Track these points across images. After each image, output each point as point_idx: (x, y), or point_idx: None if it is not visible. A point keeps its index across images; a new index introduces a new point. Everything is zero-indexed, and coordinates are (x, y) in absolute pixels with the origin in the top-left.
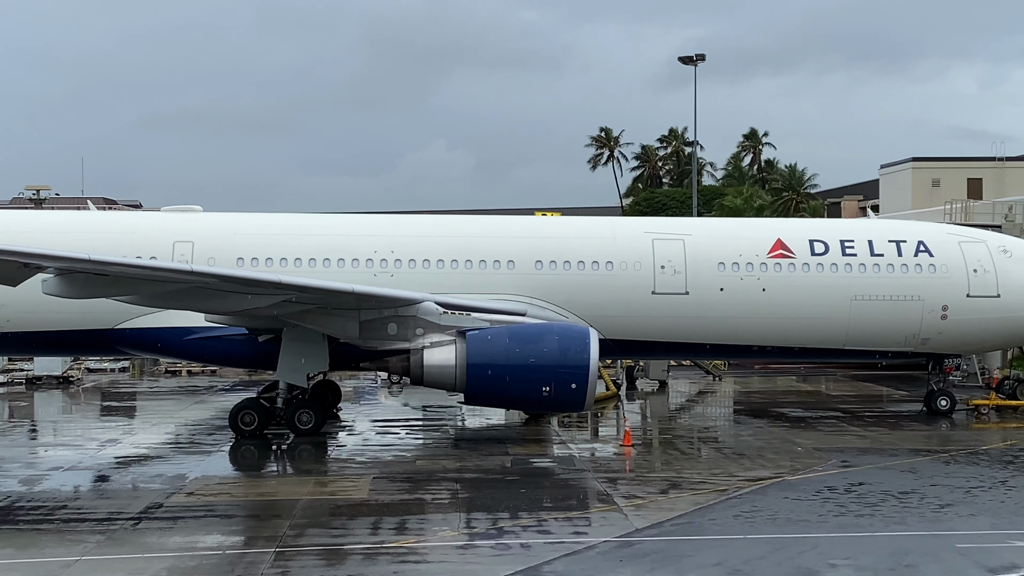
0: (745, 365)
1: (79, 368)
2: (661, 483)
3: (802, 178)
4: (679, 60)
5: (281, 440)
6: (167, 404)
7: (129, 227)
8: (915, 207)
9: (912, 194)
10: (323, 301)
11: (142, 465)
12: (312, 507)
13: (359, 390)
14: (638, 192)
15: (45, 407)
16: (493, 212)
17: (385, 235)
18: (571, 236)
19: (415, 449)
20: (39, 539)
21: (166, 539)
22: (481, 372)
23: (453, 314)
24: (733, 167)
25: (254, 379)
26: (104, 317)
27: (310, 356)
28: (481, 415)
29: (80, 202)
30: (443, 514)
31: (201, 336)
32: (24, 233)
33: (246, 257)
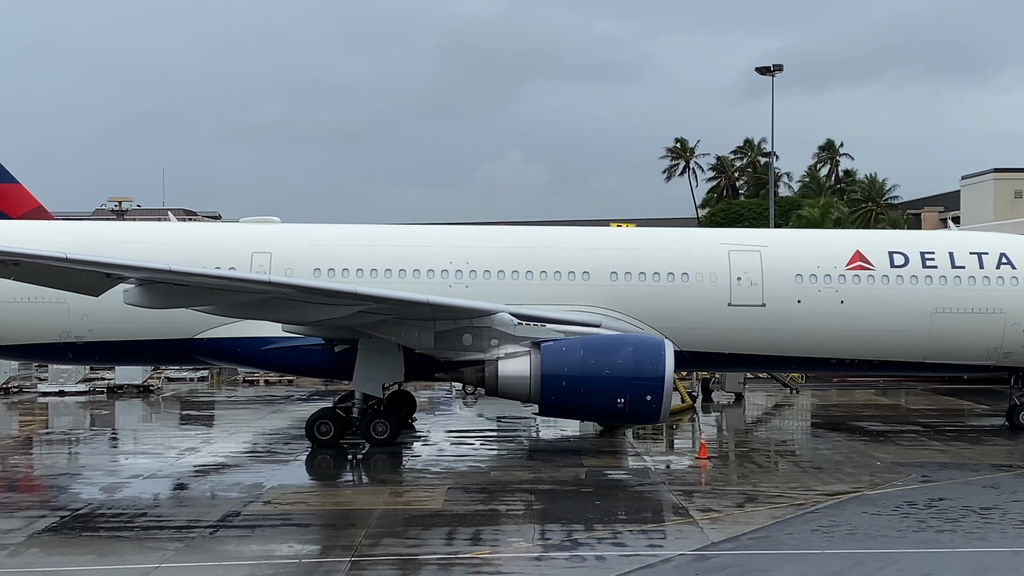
0: (823, 378)
1: (159, 377)
2: (737, 496)
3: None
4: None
5: (356, 450)
6: (245, 413)
7: (208, 238)
8: (997, 219)
9: (994, 205)
10: (398, 312)
11: (220, 474)
12: (387, 517)
13: (434, 401)
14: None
15: (126, 416)
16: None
17: (460, 246)
18: (646, 247)
19: (489, 460)
20: (119, 546)
21: (243, 547)
22: (555, 383)
23: (528, 325)
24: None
25: (330, 389)
26: (183, 327)
27: (385, 366)
28: (555, 426)
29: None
30: (517, 525)
31: (278, 346)
32: (106, 244)
33: (323, 268)
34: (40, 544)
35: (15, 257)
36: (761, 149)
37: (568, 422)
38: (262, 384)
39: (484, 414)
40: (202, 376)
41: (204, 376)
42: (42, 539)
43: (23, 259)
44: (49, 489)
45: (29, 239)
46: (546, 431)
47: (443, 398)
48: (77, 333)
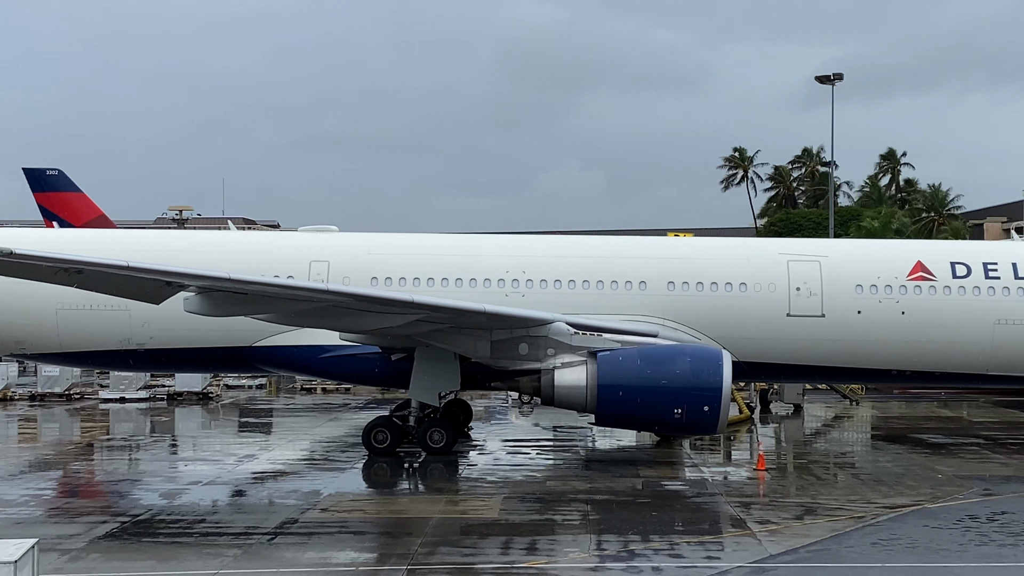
0: (883, 390)
1: (218, 384)
2: (796, 508)
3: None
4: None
5: (413, 458)
6: (302, 421)
7: (267, 246)
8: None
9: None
10: (455, 321)
11: (278, 481)
12: (443, 526)
13: (490, 409)
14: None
15: (185, 422)
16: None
17: (517, 255)
18: (704, 257)
19: (546, 469)
20: (178, 552)
21: (301, 554)
22: (612, 393)
23: (584, 335)
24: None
25: (387, 397)
26: (242, 335)
27: (442, 375)
28: (612, 436)
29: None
30: (573, 535)
31: (335, 354)
32: (167, 252)
33: (380, 276)
34: (101, 549)
35: (78, 265)
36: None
37: (625, 432)
38: (319, 392)
39: (540, 423)
40: (260, 384)
41: (262, 384)
42: (103, 544)
43: (86, 267)
44: (110, 495)
45: (92, 247)
46: (602, 441)
47: (499, 407)
48: (138, 340)
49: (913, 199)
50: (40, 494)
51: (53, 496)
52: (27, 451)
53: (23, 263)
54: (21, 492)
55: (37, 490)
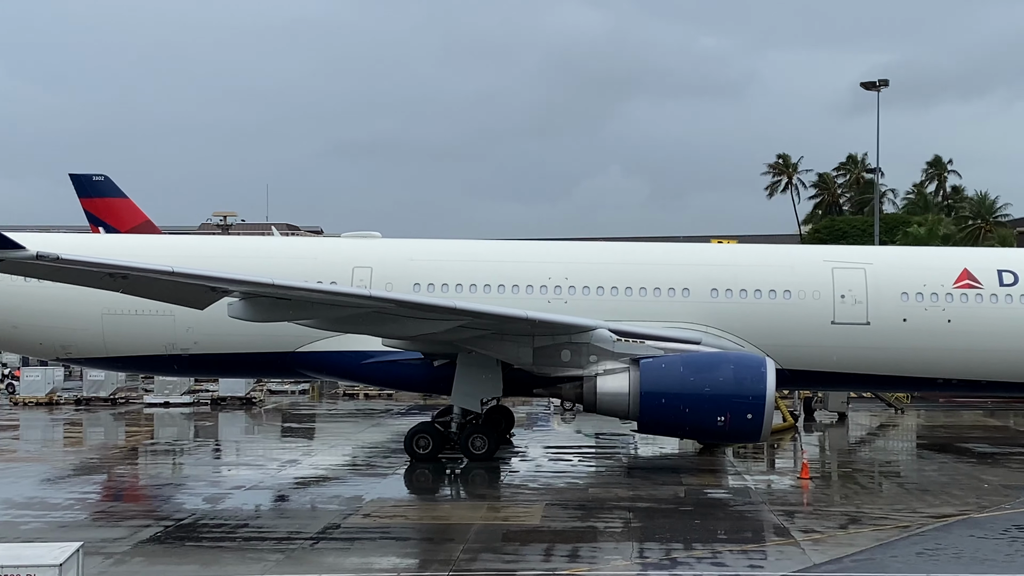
0: (929, 398)
1: (262, 390)
2: (840, 517)
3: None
4: (861, 86)
5: (455, 464)
6: (345, 426)
7: (311, 252)
8: None
9: None
10: (497, 327)
11: (320, 486)
12: (485, 532)
13: (532, 416)
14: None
15: (229, 427)
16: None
17: (559, 262)
18: (748, 264)
19: (588, 477)
20: (221, 556)
21: (343, 560)
22: (655, 400)
23: (627, 342)
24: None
25: (429, 403)
26: (285, 340)
27: (484, 381)
28: (655, 444)
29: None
30: (616, 543)
31: (378, 360)
32: (211, 258)
33: (423, 283)
34: (144, 553)
35: (123, 270)
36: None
37: (667, 440)
38: (362, 397)
39: (582, 430)
40: (303, 389)
41: (305, 389)
42: (146, 548)
43: (131, 272)
44: (154, 499)
45: (137, 253)
46: (645, 448)
47: (541, 414)
48: (183, 345)
49: (960, 206)
50: (85, 497)
51: (98, 500)
52: (72, 455)
53: (70, 268)
54: (66, 495)
55: (82, 493)
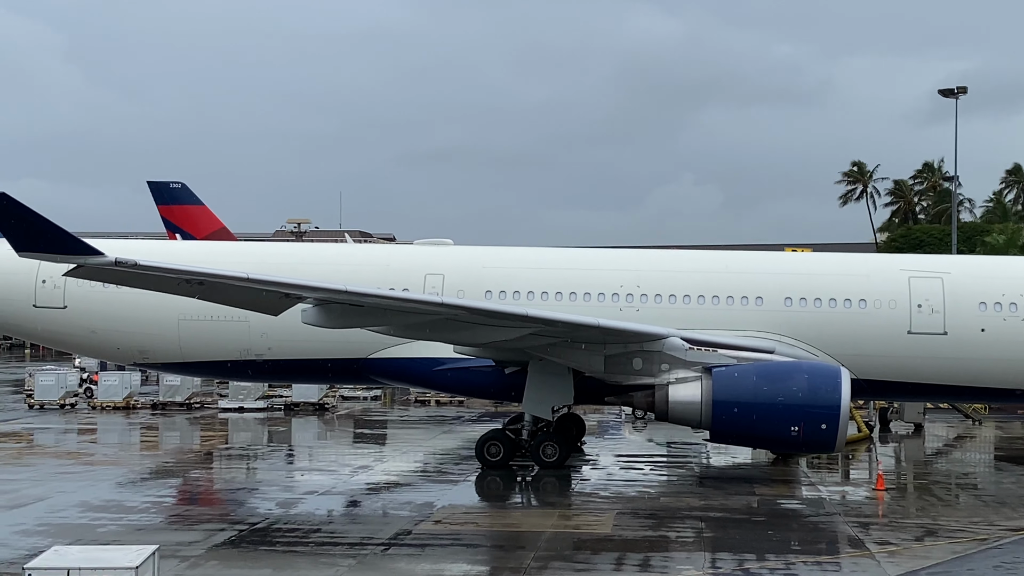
0: (1007, 409)
1: (334, 396)
2: (916, 530)
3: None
4: (939, 93)
5: (526, 472)
6: (416, 433)
7: (383, 259)
8: None
9: None
10: (569, 335)
11: (392, 492)
12: (556, 540)
13: (603, 424)
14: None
15: (302, 433)
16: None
17: (631, 269)
18: (822, 272)
19: (659, 485)
20: (294, 561)
21: (414, 566)
22: (727, 410)
23: (699, 350)
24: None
25: (500, 410)
26: (358, 347)
27: (555, 389)
28: (727, 453)
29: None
30: (687, 552)
31: (449, 367)
32: (285, 265)
33: (494, 290)
34: (219, 557)
35: (200, 276)
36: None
37: (740, 449)
38: (433, 404)
39: (654, 439)
40: (375, 395)
41: (377, 395)
42: (221, 552)
43: (207, 279)
44: (228, 503)
45: (213, 259)
46: (717, 458)
47: (612, 422)
48: (257, 351)
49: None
50: (161, 501)
51: (173, 503)
52: (148, 459)
53: (147, 274)
54: (143, 499)
55: (158, 497)
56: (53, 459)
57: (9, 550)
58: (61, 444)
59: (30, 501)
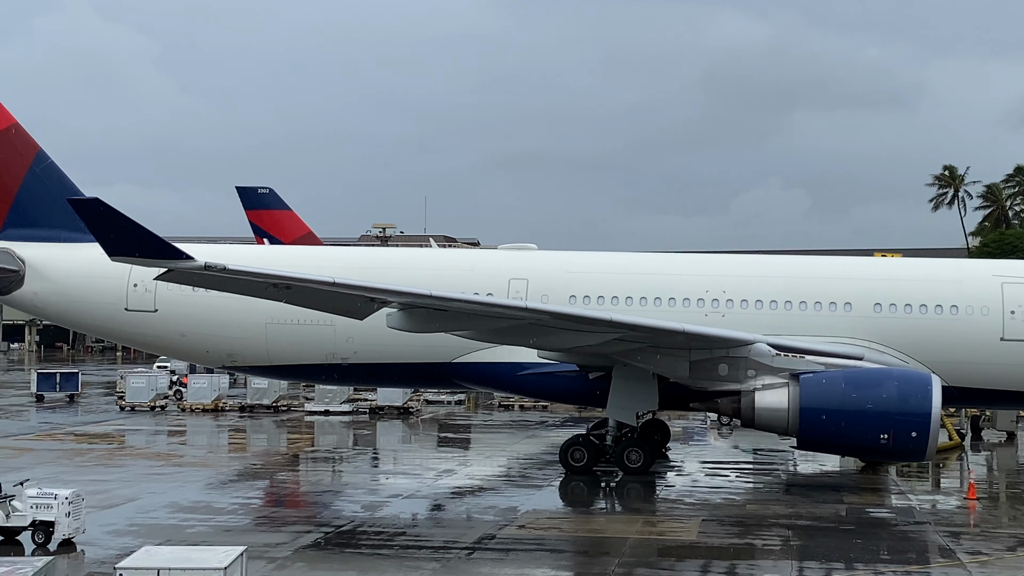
0: None
1: (418, 399)
2: (1008, 539)
3: None
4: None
5: (610, 477)
6: (500, 437)
7: (467, 264)
8: None
9: None
10: (653, 340)
11: (476, 496)
12: (640, 546)
13: (688, 430)
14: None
15: (386, 436)
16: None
17: (716, 275)
18: (913, 278)
19: (745, 493)
20: (379, 564)
21: (498, 570)
22: (815, 417)
23: (786, 356)
24: None
25: (584, 416)
26: (442, 351)
27: (640, 395)
28: (814, 461)
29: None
30: (774, 561)
31: (533, 372)
32: (371, 269)
33: (578, 295)
34: (306, 559)
35: (287, 281)
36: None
37: (827, 457)
38: (517, 409)
39: (740, 445)
40: (459, 399)
41: (461, 399)
42: (307, 554)
43: (294, 283)
44: (314, 505)
45: (299, 264)
46: (804, 465)
47: (697, 428)
48: (343, 355)
49: None
50: (248, 503)
51: (261, 505)
52: (236, 461)
53: (236, 279)
54: (231, 500)
55: (245, 499)
56: (144, 460)
57: (101, 549)
58: (151, 446)
59: (121, 501)
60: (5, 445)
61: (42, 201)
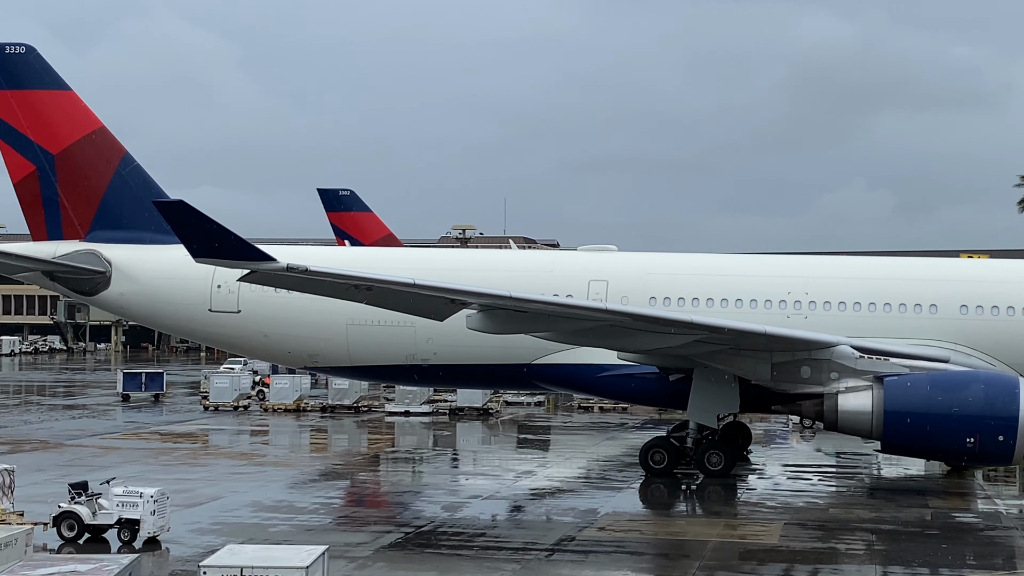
0: None
1: (498, 401)
2: None
3: None
4: None
5: (690, 480)
6: (579, 439)
7: (547, 266)
8: None
9: None
10: (734, 342)
11: (555, 498)
12: (721, 549)
13: (769, 433)
14: None
15: (466, 437)
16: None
17: (799, 276)
18: (1001, 280)
19: (828, 496)
20: (458, 564)
21: (578, 572)
22: (899, 420)
23: (870, 359)
24: None
25: (664, 418)
26: (522, 352)
27: (720, 397)
28: (899, 464)
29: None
30: (857, 565)
31: (613, 374)
32: (451, 271)
33: (658, 296)
34: (386, 559)
35: (368, 282)
36: None
37: (912, 460)
38: (596, 410)
39: (822, 449)
40: (539, 401)
41: (541, 401)
42: (388, 554)
43: (375, 284)
44: (394, 505)
45: (380, 265)
46: (888, 469)
47: (779, 431)
48: (423, 356)
49: None
50: (330, 502)
51: (341, 505)
52: (318, 460)
53: (318, 280)
54: (312, 500)
55: (327, 498)
56: (227, 460)
57: (185, 548)
58: (234, 445)
59: (205, 500)
60: (92, 444)
61: (128, 203)
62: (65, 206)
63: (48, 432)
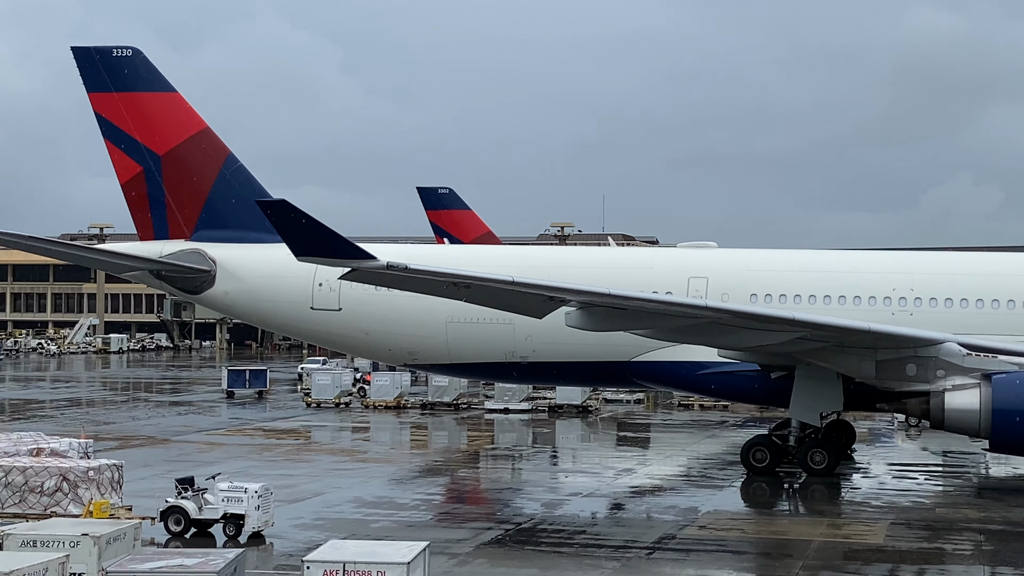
0: None
1: (597, 398)
2: None
3: None
4: None
5: (793, 479)
6: (679, 437)
7: (646, 263)
8: None
9: None
10: (838, 339)
11: (655, 496)
12: (825, 549)
13: (874, 431)
14: None
15: (565, 434)
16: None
17: (904, 272)
18: None
19: (934, 496)
20: (559, 561)
21: (679, 571)
22: (1008, 418)
23: (978, 356)
24: None
25: (765, 416)
26: (621, 350)
27: (823, 395)
28: (1008, 464)
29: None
30: (965, 566)
31: (714, 371)
32: (549, 268)
33: (759, 293)
34: (487, 555)
35: (467, 280)
36: None
37: (1021, 459)
38: (696, 408)
39: (928, 447)
40: (638, 399)
41: (640, 399)
42: (488, 550)
43: (474, 282)
44: (494, 502)
45: (479, 263)
46: (997, 468)
47: (884, 429)
48: (522, 353)
49: None
50: (430, 499)
51: (442, 501)
52: (418, 457)
53: (417, 278)
54: (413, 496)
55: (427, 495)
56: (328, 456)
57: (289, 542)
58: (336, 441)
59: (308, 496)
60: (198, 440)
61: (232, 203)
62: (171, 206)
63: (155, 428)
